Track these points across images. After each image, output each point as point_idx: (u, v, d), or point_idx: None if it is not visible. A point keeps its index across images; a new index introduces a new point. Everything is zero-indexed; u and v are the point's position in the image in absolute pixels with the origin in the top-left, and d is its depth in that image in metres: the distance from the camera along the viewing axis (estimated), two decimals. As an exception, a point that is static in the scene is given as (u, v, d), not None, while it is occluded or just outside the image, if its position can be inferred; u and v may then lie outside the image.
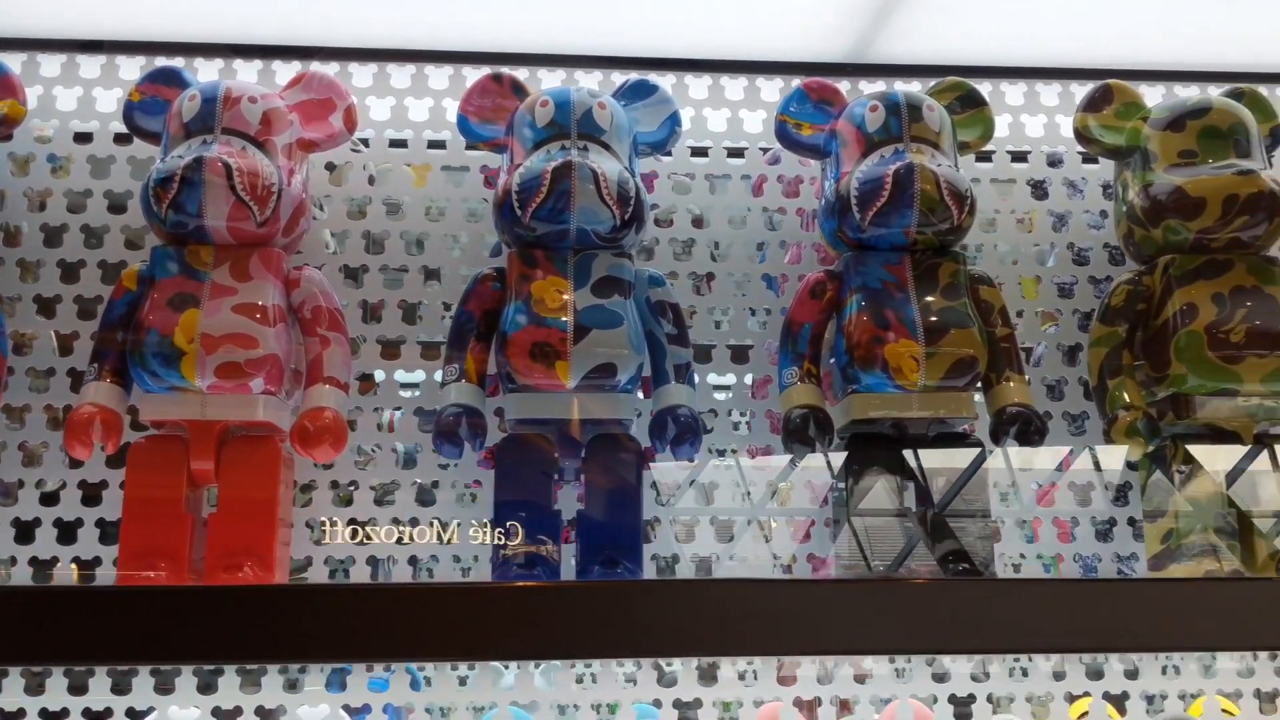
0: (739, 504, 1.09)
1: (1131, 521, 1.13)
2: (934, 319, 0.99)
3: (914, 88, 1.11)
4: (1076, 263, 1.21)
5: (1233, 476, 1.03)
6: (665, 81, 1.14)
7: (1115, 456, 1.08)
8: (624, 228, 0.99)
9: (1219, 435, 1.03)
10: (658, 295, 1.04)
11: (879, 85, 1.18)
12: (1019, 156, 1.22)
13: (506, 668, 1.09)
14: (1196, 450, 1.03)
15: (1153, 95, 1.19)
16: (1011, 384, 1.03)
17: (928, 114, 1.04)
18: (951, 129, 1.07)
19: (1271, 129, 1.13)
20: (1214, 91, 1.16)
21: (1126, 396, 1.04)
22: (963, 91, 1.10)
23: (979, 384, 1.01)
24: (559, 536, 0.98)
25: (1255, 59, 1.23)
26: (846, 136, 1.06)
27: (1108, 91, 1.11)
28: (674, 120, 1.09)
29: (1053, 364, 1.17)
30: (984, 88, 1.15)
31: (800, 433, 1.00)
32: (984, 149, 1.14)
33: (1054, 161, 1.22)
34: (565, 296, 0.98)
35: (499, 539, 0.96)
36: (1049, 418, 1.12)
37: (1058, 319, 1.19)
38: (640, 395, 1.03)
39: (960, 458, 1.02)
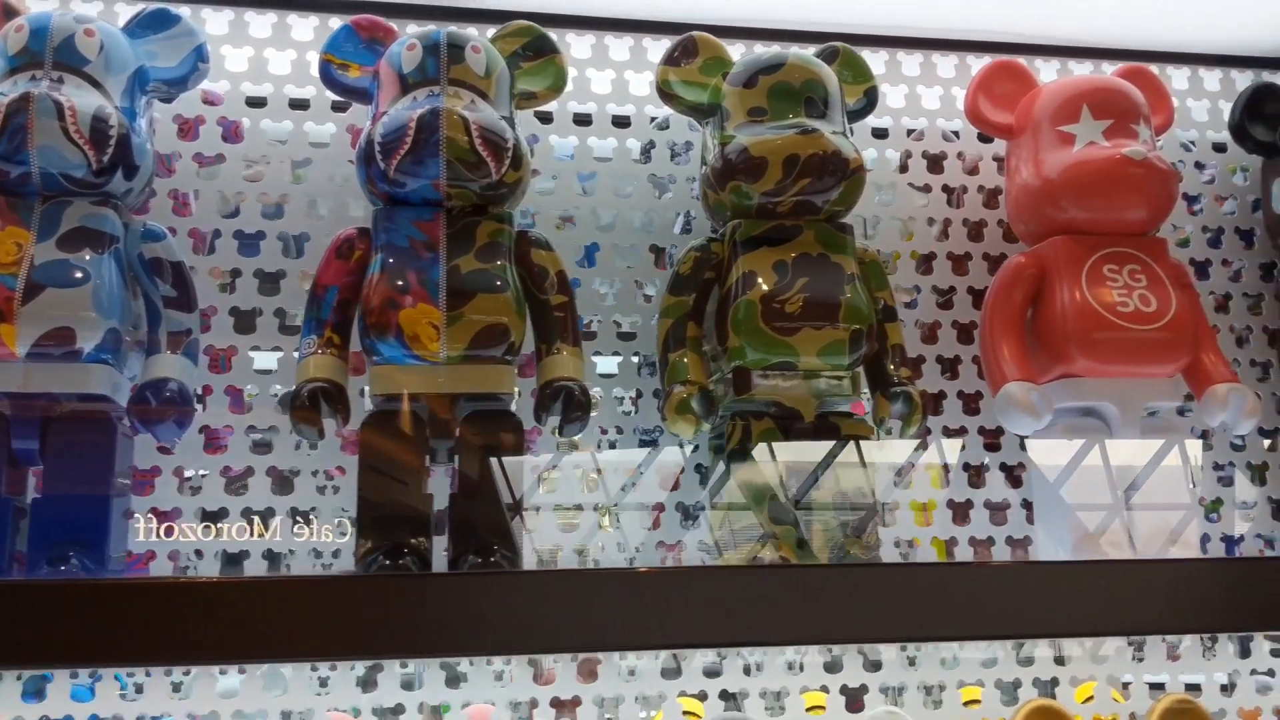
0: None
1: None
2: (461, 282, 0.89)
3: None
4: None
5: (794, 458, 0.96)
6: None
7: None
8: (104, 172, 0.86)
9: (783, 413, 0.96)
10: (153, 252, 0.91)
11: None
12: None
13: (224, 672, 0.98)
14: (761, 429, 0.95)
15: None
16: (562, 355, 0.93)
17: (471, 56, 0.94)
18: (508, 76, 0.97)
19: (867, 90, 1.06)
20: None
21: (685, 371, 0.96)
22: (531, 37, 1.00)
23: (512, 354, 0.91)
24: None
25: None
26: (384, 78, 0.95)
27: (691, 44, 1.02)
28: (198, 54, 0.96)
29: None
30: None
31: (306, 411, 0.88)
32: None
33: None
34: (23, 249, 0.84)
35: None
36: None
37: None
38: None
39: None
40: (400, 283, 0.88)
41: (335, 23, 1.05)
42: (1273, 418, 1.20)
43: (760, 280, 0.94)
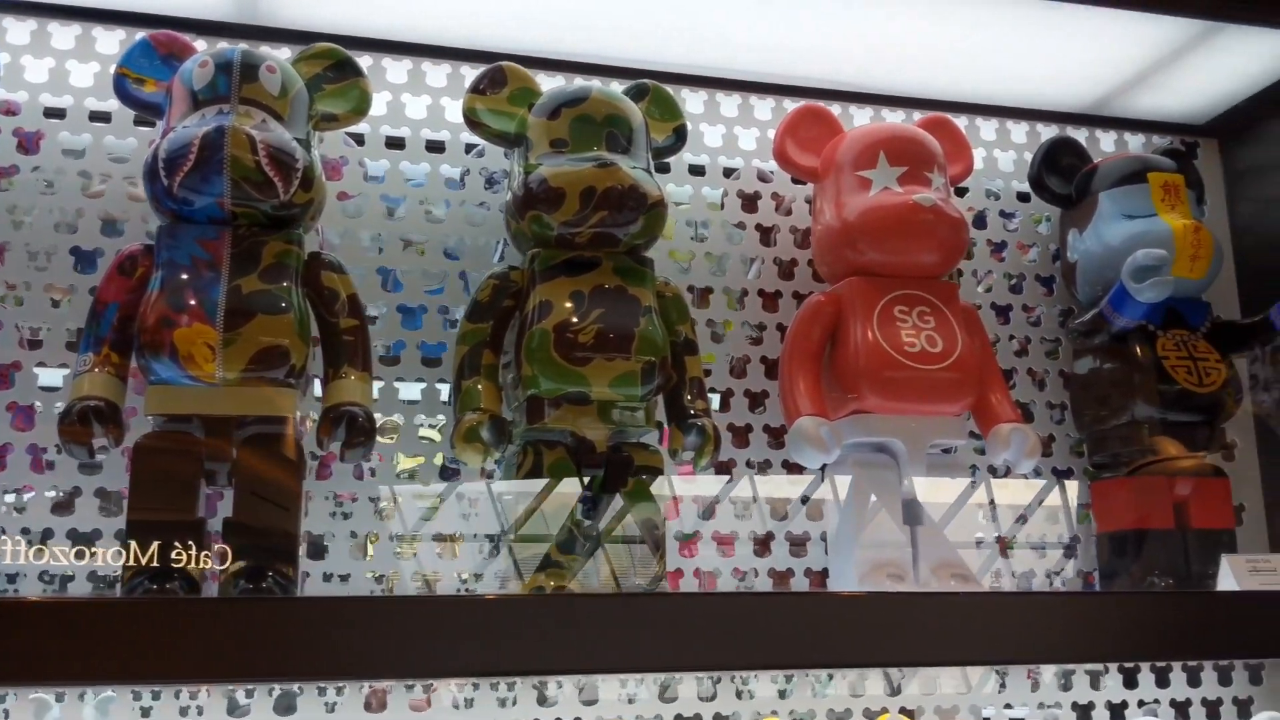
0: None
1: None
2: (242, 302, 0.88)
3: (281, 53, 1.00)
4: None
5: (590, 487, 0.97)
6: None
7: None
8: None
9: (576, 443, 0.97)
10: None
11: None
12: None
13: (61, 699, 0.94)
14: (553, 459, 0.96)
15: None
16: (349, 380, 0.93)
17: (266, 75, 0.93)
18: (306, 97, 0.96)
19: (676, 128, 1.08)
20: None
21: (477, 399, 0.96)
22: (335, 60, 0.99)
23: (295, 378, 0.90)
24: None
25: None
26: (176, 95, 0.94)
27: (499, 74, 1.03)
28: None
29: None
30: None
31: (76, 429, 0.86)
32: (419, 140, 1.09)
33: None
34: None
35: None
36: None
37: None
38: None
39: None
40: (177, 301, 0.87)
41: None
42: (1066, 458, 1.24)
43: (555, 310, 0.95)
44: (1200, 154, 1.36)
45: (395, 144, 1.11)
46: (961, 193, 1.27)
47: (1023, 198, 1.29)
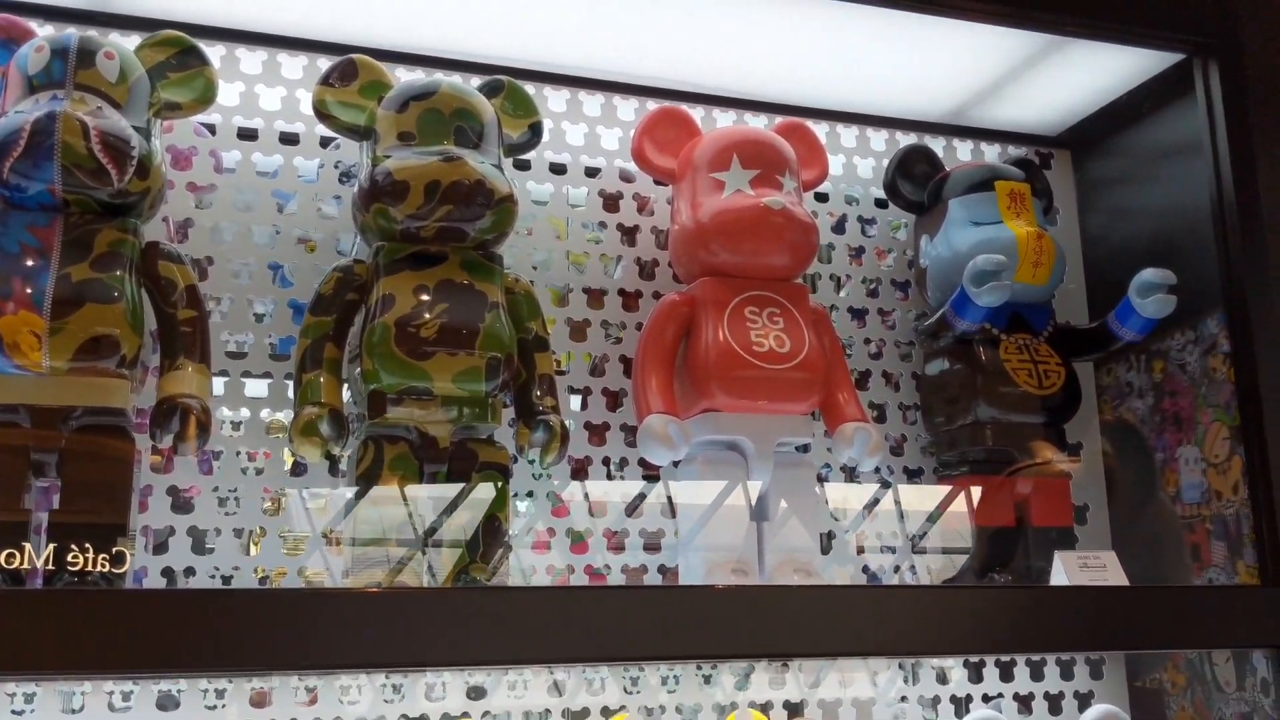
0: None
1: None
2: (71, 291, 0.86)
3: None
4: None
5: (425, 483, 0.97)
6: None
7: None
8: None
9: (419, 438, 0.97)
10: None
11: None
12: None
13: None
14: (394, 454, 0.96)
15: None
16: (185, 371, 0.92)
17: (103, 62, 0.92)
18: (147, 84, 0.95)
19: (531, 124, 1.09)
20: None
21: (317, 392, 0.95)
22: (180, 48, 0.98)
23: (127, 368, 0.88)
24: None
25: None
26: (11, 80, 0.92)
27: (350, 67, 1.02)
28: None
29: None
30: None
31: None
32: (206, 117, 1.05)
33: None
34: None
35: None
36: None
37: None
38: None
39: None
40: (4, 288, 0.85)
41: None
42: (917, 458, 1.28)
43: (398, 303, 0.95)
44: (1054, 165, 1.40)
45: (248, 135, 1.10)
46: (822, 198, 1.30)
47: (881, 204, 1.32)
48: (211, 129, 1.09)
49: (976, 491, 1.16)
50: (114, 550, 0.86)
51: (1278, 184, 1.17)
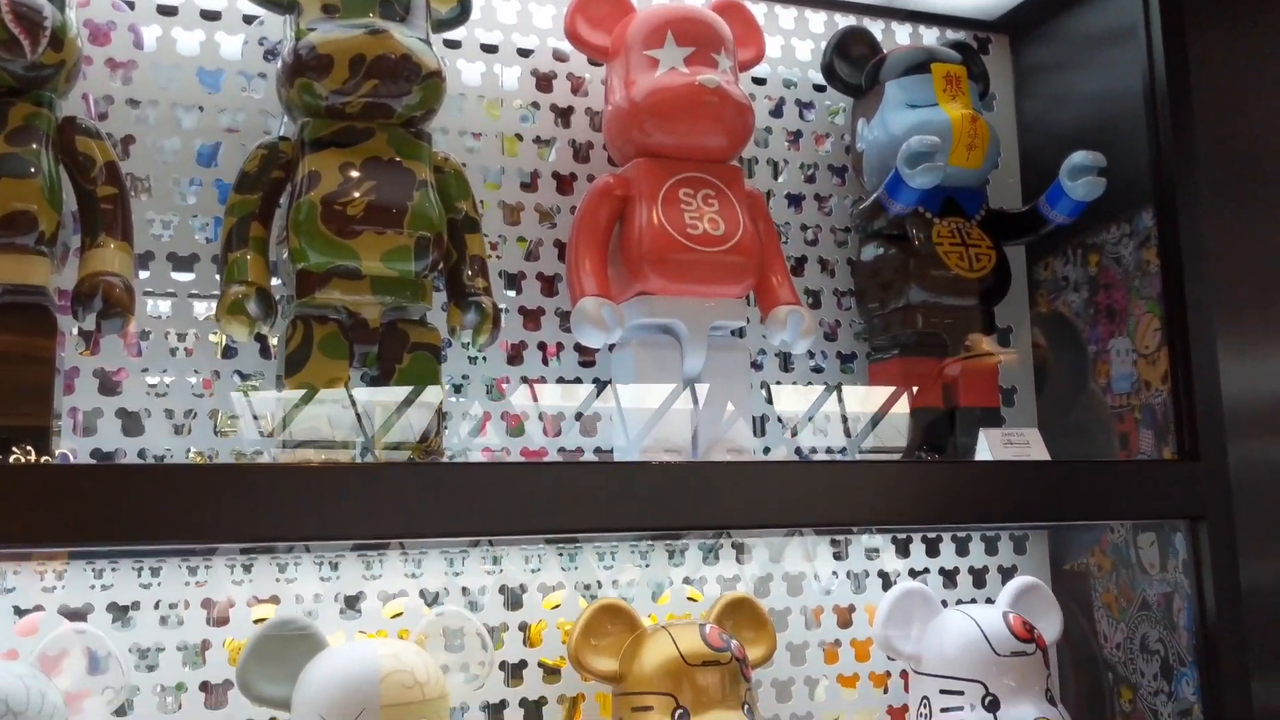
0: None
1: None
2: (-16, 167, 0.84)
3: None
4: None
5: (364, 363, 0.97)
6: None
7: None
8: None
9: (349, 318, 0.96)
10: None
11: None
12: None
13: None
14: (324, 334, 0.95)
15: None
16: (107, 249, 0.90)
17: (7, -73, 0.88)
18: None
19: (461, 0, 1.06)
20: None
21: (244, 271, 0.94)
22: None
23: (46, 245, 0.86)
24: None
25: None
26: (-89, -57, 0.87)
27: (271, -65, 0.99)
28: None
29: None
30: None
31: None
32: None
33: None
34: None
35: None
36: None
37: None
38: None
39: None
40: (-89, 164, 0.82)
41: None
42: (850, 343, 1.29)
43: (323, 181, 0.93)
44: (992, 50, 1.39)
45: (168, 10, 1.06)
46: (760, 82, 1.28)
47: (820, 89, 1.31)
48: (130, 4, 1.05)
49: (904, 373, 1.18)
50: (36, 429, 0.85)
51: (1210, 72, 1.17)
